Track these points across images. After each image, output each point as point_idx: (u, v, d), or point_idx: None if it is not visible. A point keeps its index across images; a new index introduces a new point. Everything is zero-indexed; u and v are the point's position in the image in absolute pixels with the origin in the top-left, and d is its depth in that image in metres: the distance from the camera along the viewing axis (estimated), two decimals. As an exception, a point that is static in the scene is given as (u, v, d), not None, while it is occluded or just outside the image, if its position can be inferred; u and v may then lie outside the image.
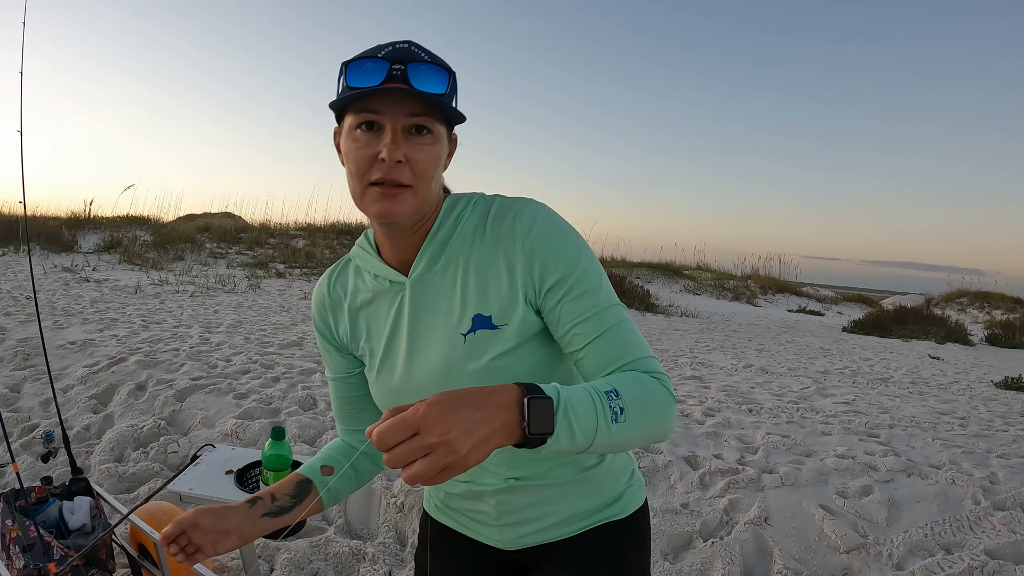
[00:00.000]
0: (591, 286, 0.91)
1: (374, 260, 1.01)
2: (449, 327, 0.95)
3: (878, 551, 2.59)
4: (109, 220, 16.23)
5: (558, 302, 0.90)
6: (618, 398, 0.79)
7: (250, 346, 5.57)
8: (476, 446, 0.66)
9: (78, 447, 3.37)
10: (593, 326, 0.89)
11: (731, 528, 2.74)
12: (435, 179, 0.91)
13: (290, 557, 2.34)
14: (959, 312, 18.63)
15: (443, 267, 0.96)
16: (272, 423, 3.59)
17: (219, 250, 14.73)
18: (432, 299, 0.97)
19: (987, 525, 2.79)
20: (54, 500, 2.04)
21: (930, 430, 4.44)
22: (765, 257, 24.20)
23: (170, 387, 4.16)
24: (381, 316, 1.02)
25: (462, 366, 0.94)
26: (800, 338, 10.93)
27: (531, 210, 0.93)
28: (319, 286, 1.10)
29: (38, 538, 1.81)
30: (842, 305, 21.09)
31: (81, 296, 8.10)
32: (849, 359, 8.53)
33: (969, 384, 7.09)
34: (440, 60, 0.87)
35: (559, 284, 0.90)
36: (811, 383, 6.17)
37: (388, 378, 1.01)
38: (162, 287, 9.58)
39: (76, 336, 5.57)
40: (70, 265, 11.44)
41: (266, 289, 10.44)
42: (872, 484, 3.16)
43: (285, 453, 1.70)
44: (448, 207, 0.97)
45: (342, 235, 17.16)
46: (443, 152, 0.91)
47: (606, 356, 0.89)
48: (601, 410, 0.76)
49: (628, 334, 0.91)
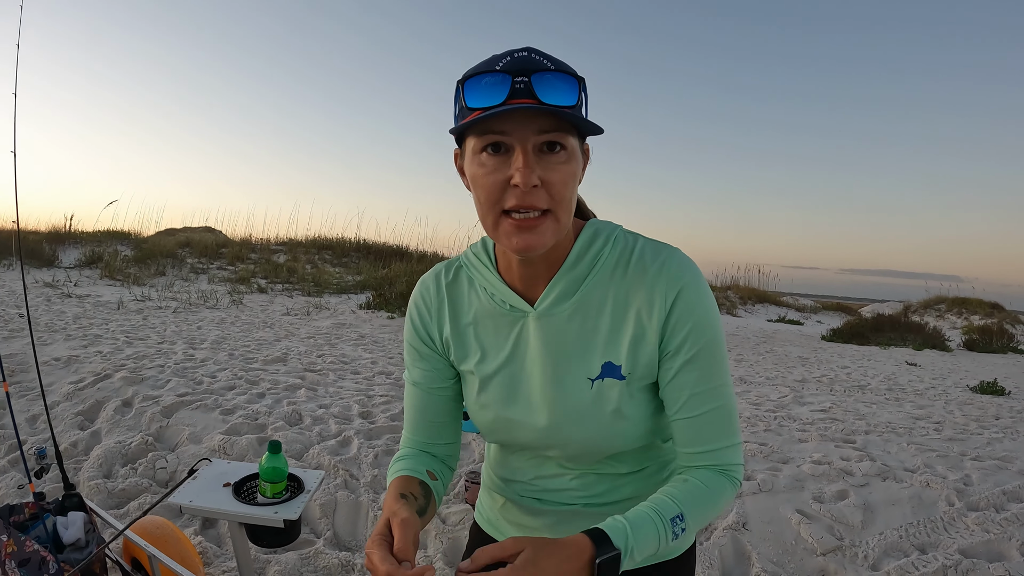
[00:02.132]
0: (716, 360, 0.89)
1: (493, 278, 0.94)
2: (577, 369, 0.91)
3: (854, 553, 2.66)
4: (90, 235, 16.11)
5: (680, 366, 0.88)
6: (682, 522, 0.83)
7: (235, 362, 5.59)
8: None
9: (66, 464, 3.37)
10: (699, 403, 0.88)
11: (710, 534, 2.81)
12: (573, 199, 0.83)
13: (280, 569, 2.38)
14: (937, 318, 18.91)
15: (574, 305, 0.90)
16: (259, 438, 3.62)
17: (200, 265, 14.67)
18: (560, 337, 0.91)
19: (961, 525, 2.89)
20: (48, 515, 2.07)
21: (905, 435, 4.55)
22: (745, 268, 24.48)
23: (156, 403, 4.17)
24: (497, 340, 0.96)
25: (585, 412, 0.91)
26: (779, 347, 11.07)
27: (679, 260, 0.89)
28: (423, 288, 1.02)
29: (35, 552, 1.84)
30: (822, 314, 21.32)
31: (64, 312, 8.06)
32: (827, 367, 8.67)
33: (945, 389, 7.24)
34: (566, 66, 0.79)
35: (688, 344, 0.87)
36: (789, 392, 6.28)
37: (500, 406, 0.96)
38: (144, 303, 9.54)
39: (60, 352, 5.56)
40: (52, 280, 11.36)
41: (248, 305, 10.42)
42: (848, 489, 3.25)
43: (281, 466, 1.76)
44: (588, 239, 0.91)
45: (323, 250, 17.14)
46: (579, 169, 0.83)
47: (696, 436, 0.90)
48: (664, 537, 0.81)
49: (726, 419, 0.90)
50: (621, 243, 0.92)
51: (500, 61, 0.77)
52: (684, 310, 0.86)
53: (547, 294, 0.91)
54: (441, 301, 1.00)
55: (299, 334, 7.65)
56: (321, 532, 2.74)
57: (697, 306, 0.87)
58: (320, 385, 5.02)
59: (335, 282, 13.83)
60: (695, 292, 0.87)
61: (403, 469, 0.98)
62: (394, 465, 1.01)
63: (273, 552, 2.52)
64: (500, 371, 0.96)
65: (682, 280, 0.87)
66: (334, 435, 3.79)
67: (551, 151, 0.79)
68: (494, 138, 0.78)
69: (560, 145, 0.78)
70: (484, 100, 0.76)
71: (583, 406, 0.91)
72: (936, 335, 13.79)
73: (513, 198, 0.79)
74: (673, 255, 0.89)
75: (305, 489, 1.84)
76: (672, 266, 0.88)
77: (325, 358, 6.16)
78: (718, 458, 0.90)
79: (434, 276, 1.01)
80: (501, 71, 0.76)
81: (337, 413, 4.22)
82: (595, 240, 0.91)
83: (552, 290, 0.90)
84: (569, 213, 0.83)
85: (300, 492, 1.82)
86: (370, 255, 17.05)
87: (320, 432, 3.81)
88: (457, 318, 0.99)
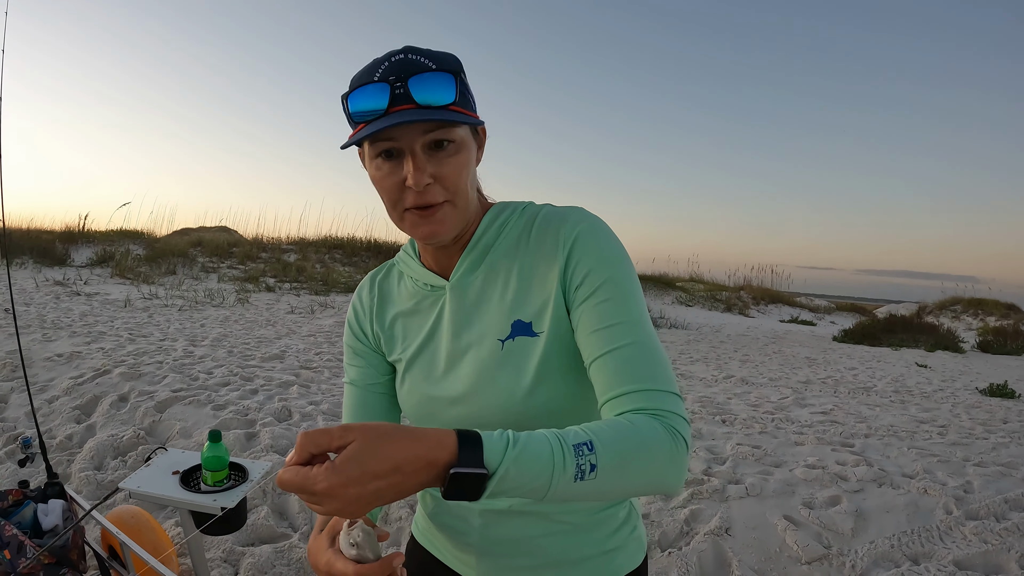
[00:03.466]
0: (621, 295, 0.83)
1: (416, 265, 0.98)
2: (488, 333, 0.90)
3: (841, 562, 2.59)
4: (103, 234, 16.29)
5: (582, 302, 0.84)
6: (591, 452, 0.68)
7: (232, 359, 5.62)
8: (369, 510, 0.64)
9: (60, 455, 3.42)
10: (610, 337, 0.81)
11: (690, 539, 2.76)
12: (470, 185, 0.87)
13: (254, 562, 2.39)
14: (953, 319, 18.71)
15: (484, 272, 0.93)
16: (247, 434, 3.64)
17: (211, 264, 14.78)
18: (472, 304, 0.93)
19: (958, 535, 2.80)
20: (29, 502, 2.11)
21: (907, 439, 4.48)
22: (758, 268, 24.32)
23: (151, 399, 4.21)
24: (419, 321, 0.98)
25: (496, 372, 0.88)
26: (787, 348, 10.98)
27: (578, 215, 0.89)
28: (359, 288, 1.06)
29: (13, 537, 1.87)
30: (836, 315, 21.17)
31: (71, 309, 8.14)
32: (833, 369, 8.58)
33: (954, 392, 7.13)
34: (444, 61, 0.81)
35: (588, 283, 0.84)
36: (791, 393, 6.22)
37: (422, 384, 0.96)
38: (151, 301, 9.62)
39: (63, 348, 5.62)
40: (62, 279, 11.49)
41: (254, 303, 10.49)
42: (840, 494, 3.18)
43: (222, 455, 1.80)
44: (494, 214, 0.94)
45: (333, 249, 17.22)
46: (471, 155, 0.86)
47: (615, 376, 0.79)
48: (561, 463, 0.66)
49: (648, 358, 0.80)
50: (529, 212, 0.94)
51: (379, 68, 0.79)
52: (583, 251, 0.85)
53: (458, 267, 0.93)
54: (373, 298, 1.03)
55: (300, 332, 7.68)
56: (299, 526, 2.75)
57: (595, 245, 0.85)
58: (314, 383, 5.04)
59: (344, 281, 13.88)
60: (594, 234, 0.86)
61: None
62: None
63: (251, 545, 2.53)
64: (421, 351, 0.97)
65: (580, 225, 0.87)
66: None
67: (439, 148, 0.81)
68: (384, 145, 0.81)
69: (448, 140, 0.81)
70: (368, 111, 0.79)
71: (493, 366, 0.88)
72: (949, 336, 13.61)
73: (411, 197, 0.82)
74: (574, 210, 0.90)
75: (249, 478, 1.85)
76: (572, 216, 0.88)
77: (323, 356, 6.18)
78: (645, 400, 0.76)
79: (370, 276, 1.06)
80: (380, 80, 0.78)
81: (326, 410, 4.23)
82: (500, 213, 0.94)
83: (463, 262, 0.93)
84: (467, 197, 0.86)
85: (244, 481, 1.83)
86: (380, 255, 17.12)
87: (307, 428, 3.82)
88: (387, 311, 1.02)
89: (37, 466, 3.06)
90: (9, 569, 1.77)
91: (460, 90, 0.81)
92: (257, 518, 2.73)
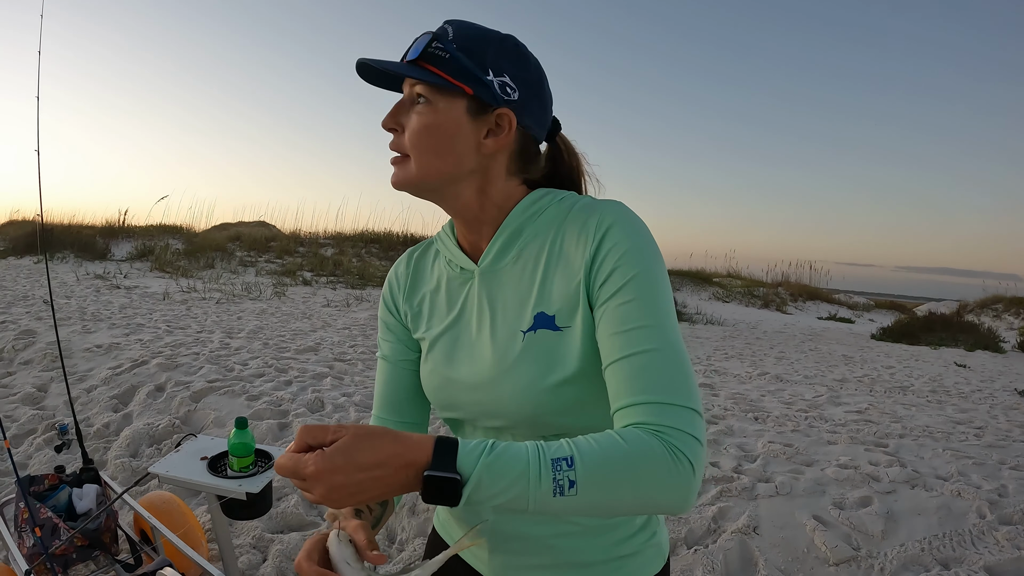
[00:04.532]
0: (647, 296, 0.79)
1: (451, 244, 0.98)
2: (511, 322, 0.89)
3: (869, 564, 2.54)
4: (143, 229, 16.69)
5: (606, 300, 0.81)
6: (570, 468, 0.67)
7: (268, 351, 5.72)
8: (354, 502, 0.68)
9: (97, 443, 3.54)
10: (628, 341, 0.77)
11: (717, 536, 2.74)
12: (441, 153, 0.87)
13: (282, 548, 2.44)
14: (993, 318, 18.19)
15: (514, 259, 0.91)
16: (280, 424, 3.71)
17: (249, 258, 15.04)
18: (500, 291, 0.92)
19: (990, 540, 2.73)
20: (64, 487, 2.19)
21: (942, 440, 4.38)
22: (796, 264, 23.91)
23: (187, 389, 4.31)
24: (449, 303, 0.98)
25: (514, 364, 0.87)
26: (824, 346, 10.79)
27: (612, 208, 0.86)
28: (396, 264, 1.08)
29: (48, 519, 1.95)
30: (874, 312, 20.75)
31: (111, 302, 8.35)
32: (870, 367, 8.42)
33: (992, 392, 6.94)
34: (448, 27, 0.87)
35: (613, 280, 0.80)
36: (825, 391, 6.12)
37: (443, 366, 0.96)
38: (189, 294, 9.83)
39: (103, 340, 5.78)
40: (102, 272, 11.81)
41: (291, 296, 10.64)
42: (872, 495, 3.12)
43: (248, 441, 1.84)
44: (532, 199, 0.92)
45: (370, 243, 17.39)
46: (444, 122, 0.86)
47: (626, 385, 0.76)
48: (536, 477, 0.67)
49: (665, 367, 0.76)
50: (568, 202, 0.91)
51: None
52: (611, 245, 0.82)
53: (489, 250, 0.93)
54: (408, 274, 1.05)
55: (335, 325, 7.78)
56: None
57: (625, 239, 0.82)
58: (347, 374, 5.10)
59: (379, 275, 14.01)
60: (625, 227, 0.83)
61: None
62: None
63: (280, 533, 2.58)
64: (446, 332, 0.97)
65: (613, 216, 0.84)
66: (352, 423, 3.83)
67: (416, 103, 0.87)
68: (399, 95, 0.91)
69: (424, 98, 0.86)
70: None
71: (512, 358, 0.87)
72: (989, 335, 13.22)
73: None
74: (610, 203, 0.87)
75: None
76: (605, 208, 0.86)
77: (357, 348, 6.25)
78: (651, 414, 0.73)
79: (408, 252, 1.07)
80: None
81: (359, 401, 4.28)
82: (539, 199, 0.92)
83: (493, 246, 0.92)
84: (430, 163, 0.88)
85: (269, 468, 1.88)
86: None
87: (339, 419, 3.88)
88: (418, 288, 1.03)
89: (74, 452, 3.17)
90: (41, 549, 1.84)
91: (439, 52, 0.85)
92: (287, 506, 2.78)
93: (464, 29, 0.86)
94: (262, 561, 2.44)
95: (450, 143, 0.86)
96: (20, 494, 2.00)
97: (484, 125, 0.87)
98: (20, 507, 2.01)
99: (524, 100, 0.88)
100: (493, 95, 0.86)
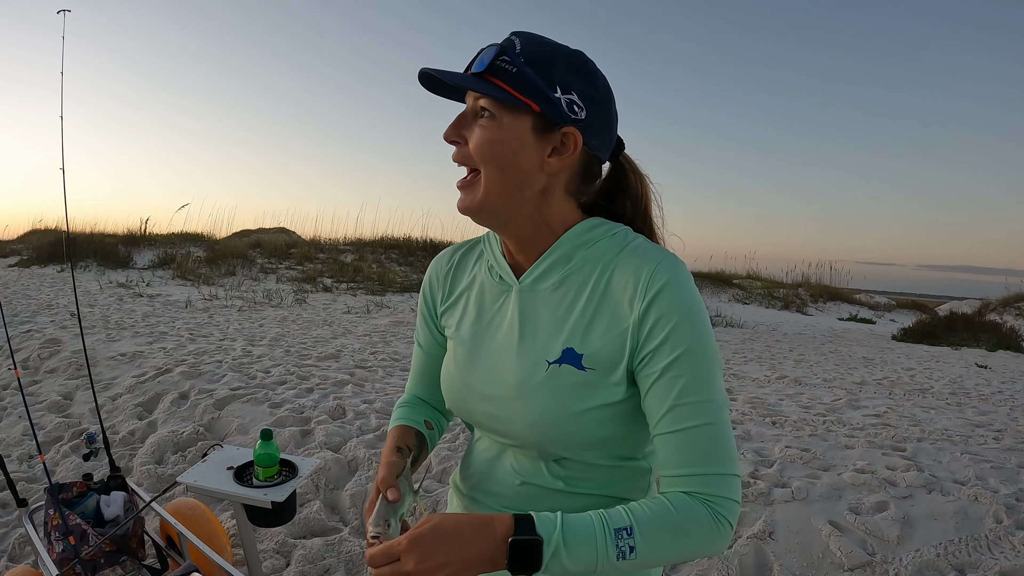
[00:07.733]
0: (699, 371, 0.82)
1: (497, 251, 0.98)
2: (539, 349, 0.90)
3: (884, 570, 2.54)
4: (164, 237, 16.91)
5: (660, 371, 0.82)
6: (630, 536, 0.75)
7: (289, 358, 5.80)
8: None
9: (122, 450, 3.62)
10: (680, 416, 0.81)
11: (732, 541, 2.75)
12: (506, 169, 0.86)
13: (305, 554, 2.50)
14: (1016, 317, 17.89)
15: (556, 284, 0.91)
16: (302, 431, 3.78)
17: (270, 265, 15.17)
18: (534, 313, 0.92)
19: (1006, 545, 2.72)
20: (92, 494, 2.27)
21: (961, 443, 4.35)
22: (817, 264, 23.63)
23: (211, 396, 4.39)
24: (481, 308, 0.99)
25: (531, 392, 0.89)
26: (844, 347, 10.70)
27: (668, 262, 0.85)
28: (439, 256, 1.09)
29: (76, 526, 2.02)
30: (896, 312, 20.50)
31: (134, 311, 8.50)
32: (891, 369, 8.34)
33: (1013, 394, 6.84)
34: (515, 39, 0.86)
35: (664, 349, 0.82)
36: (844, 394, 6.08)
37: (463, 367, 0.98)
38: (211, 302, 9.96)
39: (127, 348, 5.90)
40: (125, 281, 12.00)
41: (312, 303, 10.74)
42: (888, 500, 3.11)
43: (273, 452, 1.90)
44: (585, 227, 0.91)
45: (390, 249, 17.48)
46: (509, 138, 0.85)
47: (676, 456, 0.82)
48: (604, 547, 0.74)
49: (714, 442, 0.81)
50: (621, 236, 0.91)
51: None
52: (666, 305, 0.82)
53: (533, 270, 0.93)
54: (449, 270, 1.07)
55: (356, 332, 7.85)
56: (349, 521, 2.85)
57: (681, 304, 0.82)
58: (368, 381, 5.17)
59: (399, 281, 14.09)
60: (681, 290, 0.83)
61: (402, 418, 1.09)
62: (397, 411, 1.12)
63: (303, 538, 2.64)
64: (471, 336, 0.99)
65: (669, 274, 0.83)
66: (373, 429, 3.90)
67: (479, 116, 0.87)
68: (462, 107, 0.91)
69: (488, 112, 0.85)
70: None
71: (532, 385, 0.89)
72: (1012, 335, 13.02)
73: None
74: (665, 255, 0.87)
75: (298, 475, 1.95)
76: (660, 260, 0.85)
77: (377, 355, 6.31)
78: (700, 485, 0.80)
79: (454, 247, 1.10)
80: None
81: (379, 408, 4.34)
82: (592, 229, 0.92)
83: (538, 267, 0.93)
84: (499, 179, 0.87)
85: (293, 477, 1.93)
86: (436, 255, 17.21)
87: (360, 426, 3.93)
88: (456, 285, 1.05)
89: (101, 460, 3.26)
90: (72, 555, 1.91)
91: (506, 66, 0.84)
92: (310, 512, 2.84)
93: (532, 43, 0.85)
94: (285, 566, 2.50)
95: (514, 159, 0.86)
96: (50, 501, 2.08)
97: (549, 143, 0.87)
98: (50, 514, 2.09)
99: (591, 119, 0.87)
100: (560, 113, 0.85)
